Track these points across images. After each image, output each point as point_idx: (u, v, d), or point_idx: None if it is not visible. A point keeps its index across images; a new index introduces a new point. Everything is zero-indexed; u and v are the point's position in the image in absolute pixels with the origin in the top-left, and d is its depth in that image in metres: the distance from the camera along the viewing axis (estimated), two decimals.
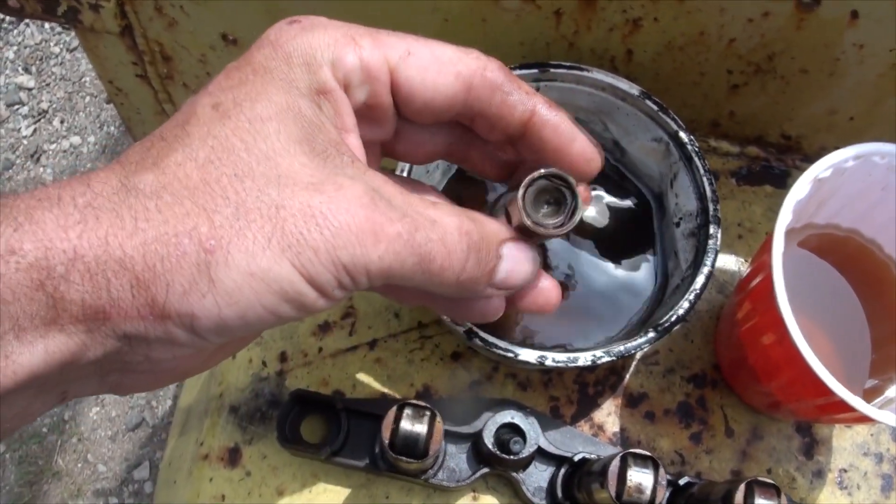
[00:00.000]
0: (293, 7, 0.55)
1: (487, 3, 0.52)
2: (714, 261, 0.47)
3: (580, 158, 0.38)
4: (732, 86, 0.56)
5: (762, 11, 0.49)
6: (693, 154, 0.50)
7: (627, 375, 0.54)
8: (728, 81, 0.55)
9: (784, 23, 0.49)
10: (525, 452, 0.46)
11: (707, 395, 0.54)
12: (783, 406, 0.49)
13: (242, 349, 0.39)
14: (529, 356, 0.45)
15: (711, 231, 0.48)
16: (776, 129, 0.59)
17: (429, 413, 0.44)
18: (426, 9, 0.53)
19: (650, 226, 0.55)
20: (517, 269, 0.36)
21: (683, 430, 0.53)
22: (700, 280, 0.46)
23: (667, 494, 0.48)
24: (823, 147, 0.59)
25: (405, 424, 0.44)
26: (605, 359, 0.45)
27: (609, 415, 0.53)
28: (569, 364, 0.45)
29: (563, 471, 0.49)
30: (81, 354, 0.28)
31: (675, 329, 0.46)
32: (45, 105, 2.06)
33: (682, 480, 0.48)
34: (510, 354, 0.45)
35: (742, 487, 0.42)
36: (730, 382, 0.54)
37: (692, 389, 0.54)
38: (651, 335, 0.45)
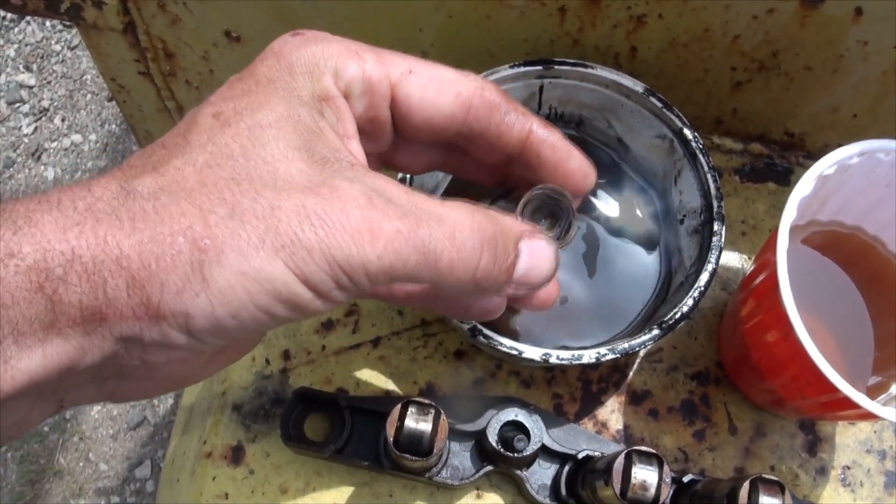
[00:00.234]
0: (297, 5, 0.55)
1: (492, 1, 0.52)
2: (718, 258, 0.47)
3: (577, 174, 0.40)
4: (736, 83, 0.56)
5: (766, 8, 0.49)
6: (697, 151, 0.50)
7: (631, 373, 0.54)
8: (732, 78, 0.55)
9: (788, 20, 0.49)
10: (529, 450, 0.46)
11: (710, 393, 0.54)
12: (787, 403, 0.49)
13: (241, 358, 0.39)
14: (534, 354, 0.45)
15: (715, 228, 0.48)
16: (779, 127, 0.59)
17: (433, 411, 0.44)
18: (430, 6, 0.53)
19: (654, 223, 0.55)
20: (537, 266, 0.36)
21: (687, 428, 0.53)
22: (704, 277, 0.46)
23: (671, 492, 0.48)
24: (827, 144, 0.59)
25: (410, 422, 0.43)
26: (609, 356, 0.44)
27: (613, 412, 0.53)
28: (573, 362, 0.44)
29: (567, 468, 0.49)
30: (79, 360, 0.28)
31: (679, 326, 0.46)
32: (46, 103, 2.06)
33: (686, 478, 0.48)
34: (514, 352, 0.45)
35: (746, 485, 0.42)
36: (733, 380, 0.54)
37: (696, 387, 0.54)
38: (655, 332, 0.45)
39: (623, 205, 0.55)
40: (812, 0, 0.48)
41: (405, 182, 0.48)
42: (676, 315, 0.46)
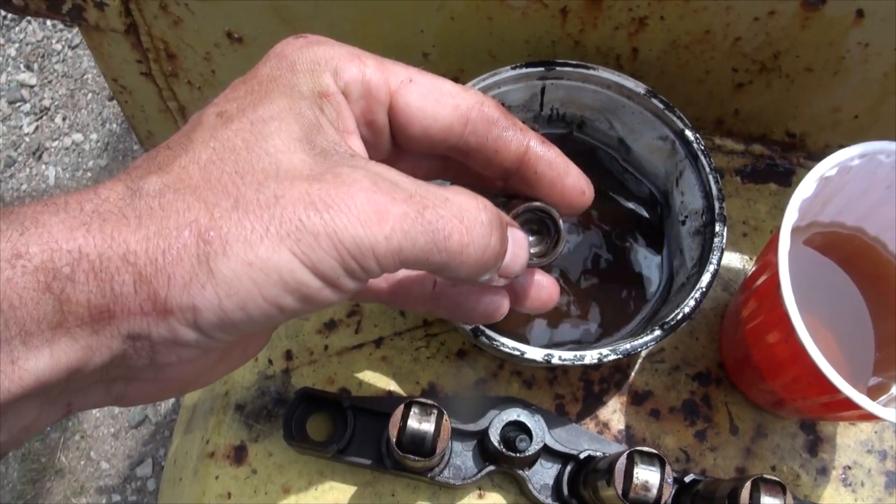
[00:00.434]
0: (299, 6, 0.55)
1: (494, 2, 0.52)
2: (720, 259, 0.47)
3: (574, 191, 0.39)
4: (737, 84, 0.56)
5: (768, 10, 0.49)
6: (699, 152, 0.50)
7: (633, 373, 0.54)
8: (733, 80, 0.55)
9: (789, 21, 0.49)
10: (531, 450, 0.47)
11: (712, 393, 0.54)
12: (788, 404, 0.49)
13: (247, 362, 0.39)
14: (536, 354, 0.45)
15: (717, 229, 0.48)
16: (781, 128, 0.59)
17: (436, 411, 0.44)
18: (432, 7, 0.53)
19: (656, 224, 0.55)
20: (519, 255, 0.36)
21: (688, 428, 0.53)
22: (706, 278, 0.47)
23: (672, 492, 0.48)
24: (828, 145, 0.59)
25: (413, 422, 0.44)
26: (611, 357, 0.45)
27: (614, 412, 0.53)
28: (575, 362, 0.45)
29: (569, 468, 0.49)
30: (87, 360, 0.28)
31: (681, 327, 0.46)
32: (48, 102, 2.06)
33: (688, 478, 0.48)
34: (516, 352, 0.45)
35: (748, 485, 0.42)
36: (734, 380, 0.54)
37: (697, 387, 0.54)
38: (657, 333, 0.45)
39: (624, 206, 0.55)
40: (813, 2, 0.48)
41: None
42: (678, 316, 0.46)
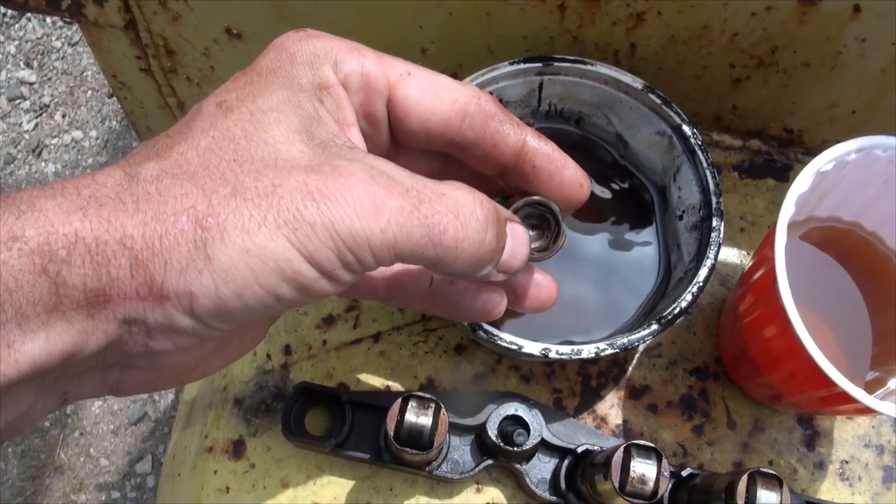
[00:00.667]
0: (298, 2, 0.55)
1: None
2: (717, 253, 0.47)
3: (572, 184, 0.40)
4: (735, 79, 0.56)
5: (765, 5, 0.49)
6: (696, 147, 0.50)
7: (630, 368, 0.54)
8: (730, 75, 0.56)
9: (787, 17, 0.49)
10: (528, 444, 0.47)
11: (709, 388, 0.54)
12: (785, 398, 0.49)
13: (244, 355, 0.39)
14: (533, 348, 0.45)
15: (714, 224, 0.48)
16: (778, 123, 0.59)
17: (434, 405, 0.44)
18: (431, 4, 0.53)
19: (653, 219, 0.55)
20: (519, 250, 0.36)
21: (686, 423, 0.53)
22: (703, 273, 0.47)
23: (669, 486, 0.48)
24: (825, 140, 0.59)
25: (410, 416, 0.44)
26: (609, 351, 0.45)
27: (612, 407, 0.53)
28: (572, 356, 0.45)
29: (567, 462, 0.49)
30: (83, 344, 0.28)
31: (678, 322, 0.46)
32: (47, 99, 2.06)
33: (685, 472, 0.48)
34: (514, 347, 0.45)
35: (744, 478, 0.42)
36: (732, 375, 0.54)
37: (694, 382, 0.54)
38: (654, 327, 0.46)
39: (622, 200, 0.55)
40: None
41: None
42: (675, 310, 0.46)
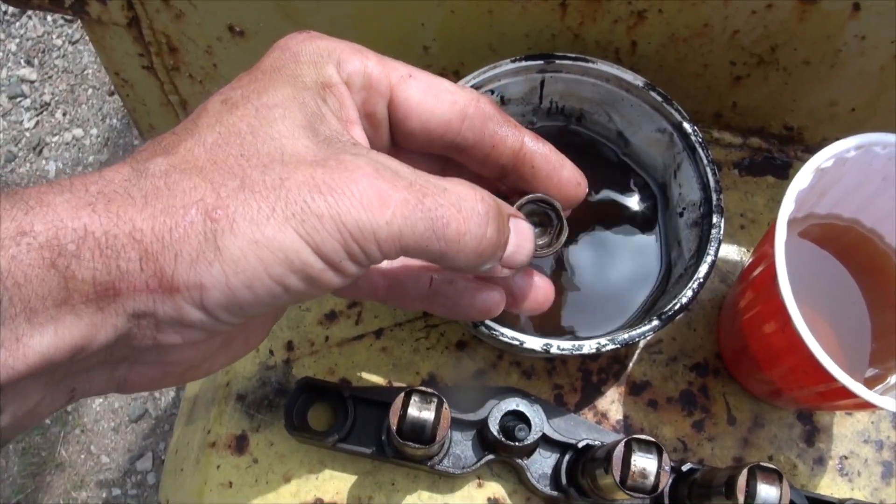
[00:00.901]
0: (301, 0, 0.56)
1: None
2: (717, 250, 0.48)
3: (570, 183, 0.41)
4: (735, 77, 0.56)
5: (765, 3, 0.49)
6: (697, 144, 0.50)
7: (631, 364, 0.55)
8: (731, 73, 0.56)
9: (787, 15, 0.50)
10: (530, 439, 0.47)
11: (709, 384, 0.54)
12: (785, 394, 0.49)
13: (249, 352, 0.39)
14: (534, 344, 0.45)
15: (714, 220, 0.48)
16: (778, 121, 0.59)
17: (436, 400, 0.44)
18: (433, 2, 0.53)
19: (654, 216, 0.55)
20: (523, 245, 0.36)
21: (686, 418, 0.53)
22: (703, 269, 0.47)
23: (670, 480, 0.48)
24: (825, 138, 0.59)
25: (413, 411, 0.44)
26: (609, 346, 0.45)
27: (612, 403, 0.54)
28: (573, 352, 0.45)
29: (568, 457, 0.49)
30: (92, 338, 0.28)
31: (679, 318, 0.46)
32: (48, 97, 2.06)
33: (685, 467, 0.48)
34: (515, 342, 0.45)
35: (744, 472, 0.42)
36: (732, 371, 0.54)
37: (695, 378, 0.54)
38: (654, 323, 0.46)
39: (623, 199, 0.55)
40: None
41: None
42: (676, 306, 0.46)
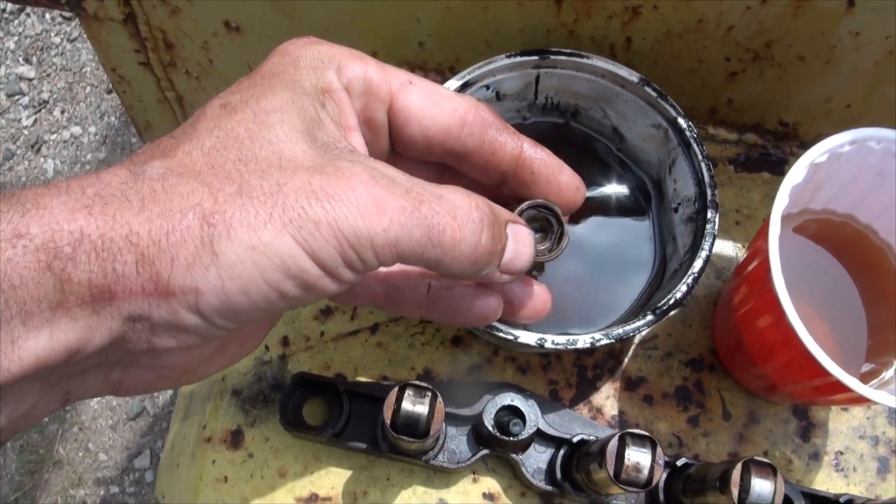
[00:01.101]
0: None
1: None
2: (712, 245, 0.48)
3: (569, 188, 0.42)
4: (730, 73, 0.56)
5: None
6: (691, 140, 0.50)
7: (626, 359, 0.55)
8: (726, 69, 0.56)
9: (782, 10, 0.50)
10: (524, 434, 0.47)
11: (704, 379, 0.54)
12: (779, 389, 0.49)
13: (245, 357, 0.39)
14: (529, 339, 0.45)
15: (709, 216, 0.48)
16: (774, 117, 0.59)
17: (430, 394, 0.44)
18: None
19: (649, 211, 0.55)
20: (522, 251, 0.37)
21: (681, 414, 0.54)
22: (698, 264, 0.47)
23: (664, 475, 0.48)
24: (820, 134, 0.59)
25: (407, 405, 0.44)
26: (604, 341, 0.45)
27: (607, 398, 0.54)
28: (568, 346, 0.45)
29: (562, 452, 0.49)
30: (87, 340, 0.28)
31: (674, 314, 0.46)
32: (46, 95, 2.06)
33: (680, 462, 0.48)
34: (510, 337, 0.45)
35: (739, 466, 0.42)
36: (727, 366, 0.54)
37: (690, 373, 0.55)
38: (649, 318, 0.46)
39: (618, 195, 0.56)
40: None
41: None
42: (670, 301, 0.46)
